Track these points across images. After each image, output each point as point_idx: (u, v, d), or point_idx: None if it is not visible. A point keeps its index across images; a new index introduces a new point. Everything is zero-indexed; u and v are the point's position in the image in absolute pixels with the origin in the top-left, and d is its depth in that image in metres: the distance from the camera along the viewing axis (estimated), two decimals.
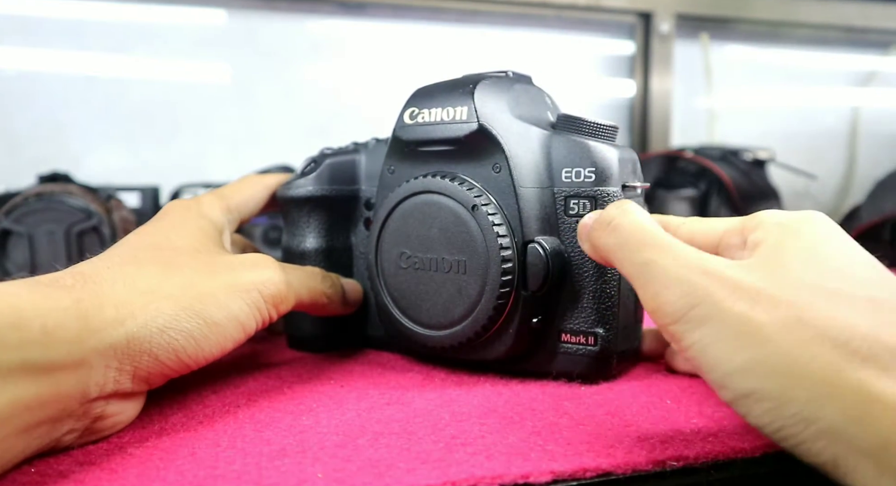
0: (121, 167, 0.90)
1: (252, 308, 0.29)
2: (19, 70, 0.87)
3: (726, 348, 0.22)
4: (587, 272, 0.31)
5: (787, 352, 0.21)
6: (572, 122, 0.32)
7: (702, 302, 0.23)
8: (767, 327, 0.21)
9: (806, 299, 0.22)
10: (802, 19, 1.14)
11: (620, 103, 1.12)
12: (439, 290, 0.32)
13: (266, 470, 0.22)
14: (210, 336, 0.27)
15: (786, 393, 0.21)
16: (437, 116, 0.33)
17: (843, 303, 0.22)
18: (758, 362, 0.21)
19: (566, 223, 0.31)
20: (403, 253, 0.33)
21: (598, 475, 0.22)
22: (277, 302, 0.30)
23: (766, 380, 0.21)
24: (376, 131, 0.41)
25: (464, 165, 0.32)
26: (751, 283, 0.23)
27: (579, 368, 0.32)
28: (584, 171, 0.31)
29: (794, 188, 1.12)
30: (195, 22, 0.93)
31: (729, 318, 0.22)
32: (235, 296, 0.28)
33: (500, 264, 0.30)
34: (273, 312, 0.30)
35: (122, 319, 0.24)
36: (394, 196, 0.34)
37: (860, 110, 1.22)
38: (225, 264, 0.29)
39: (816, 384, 0.20)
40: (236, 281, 0.29)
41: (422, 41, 1.02)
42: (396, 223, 0.34)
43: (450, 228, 0.32)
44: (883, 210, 0.77)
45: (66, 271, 0.25)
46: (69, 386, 0.22)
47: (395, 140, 0.35)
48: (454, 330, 0.32)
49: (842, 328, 0.21)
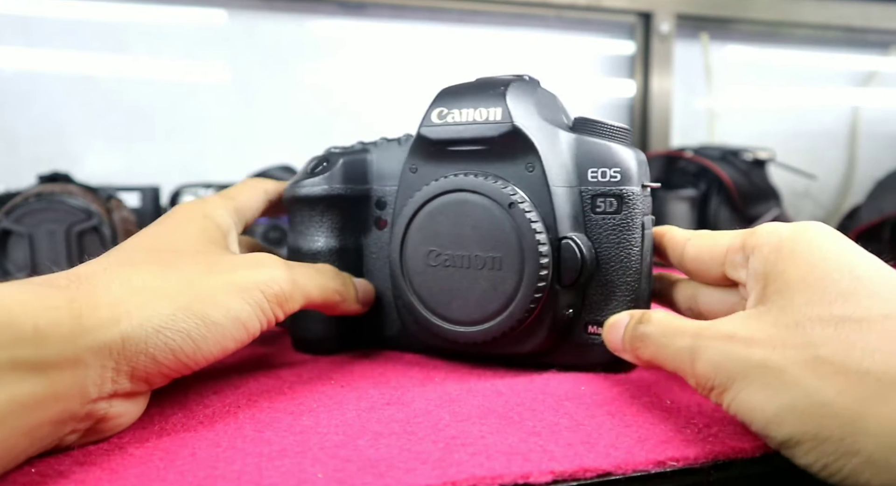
0: (121, 167, 0.90)
1: (254, 308, 0.28)
2: (19, 70, 0.87)
3: (758, 399, 0.23)
4: (613, 267, 0.33)
5: (814, 393, 0.21)
6: (591, 124, 0.33)
7: (727, 362, 0.24)
8: (789, 371, 0.22)
9: (819, 334, 0.22)
10: (802, 19, 1.14)
11: (620, 103, 1.12)
12: (472, 286, 0.33)
13: (266, 470, 0.22)
14: (209, 337, 0.26)
15: (821, 433, 0.21)
16: (468, 116, 0.33)
17: (856, 330, 0.21)
18: (788, 408, 0.22)
19: (593, 220, 0.33)
20: (432, 251, 0.34)
21: (598, 475, 0.22)
22: (282, 301, 0.30)
23: (800, 424, 0.21)
24: (376, 131, 0.41)
25: (495, 164, 0.33)
26: (764, 331, 0.23)
27: (606, 357, 0.32)
28: (610, 171, 0.32)
29: (794, 188, 1.12)
30: (195, 22, 0.93)
31: (753, 371, 0.23)
32: (236, 295, 0.28)
33: (538, 259, 0.31)
34: (278, 311, 0.30)
35: (117, 318, 0.24)
36: (421, 195, 0.34)
37: (860, 110, 1.22)
38: (225, 264, 0.29)
39: (847, 422, 0.20)
40: (237, 280, 0.28)
41: (422, 41, 1.02)
42: (424, 221, 0.34)
43: (484, 226, 0.32)
44: (883, 210, 0.77)
45: (61, 273, 0.25)
46: (66, 385, 0.22)
47: (420, 139, 0.35)
48: (489, 325, 0.32)
49: (861, 359, 0.21)
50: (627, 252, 0.33)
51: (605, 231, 0.33)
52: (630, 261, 0.32)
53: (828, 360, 0.21)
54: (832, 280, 0.23)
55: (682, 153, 0.88)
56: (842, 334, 0.22)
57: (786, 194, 0.91)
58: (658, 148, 1.05)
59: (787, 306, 0.23)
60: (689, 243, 0.32)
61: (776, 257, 0.25)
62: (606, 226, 0.33)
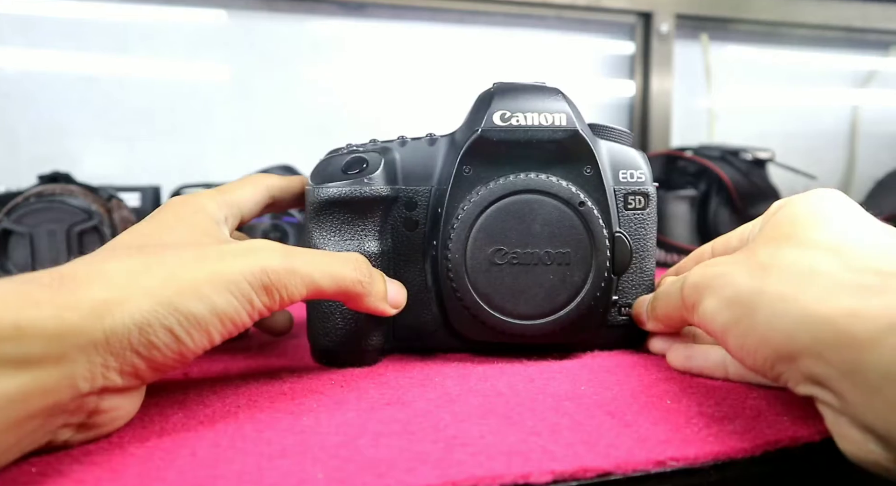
0: (121, 167, 0.90)
1: (241, 300, 0.27)
2: (19, 70, 0.87)
3: (711, 301, 0.28)
4: (640, 256, 0.38)
5: (739, 285, 0.26)
6: (608, 130, 0.37)
7: (700, 279, 0.29)
8: (733, 274, 0.27)
9: (763, 249, 0.27)
10: (802, 19, 1.14)
11: (620, 103, 1.12)
12: (540, 281, 0.35)
13: (266, 470, 0.22)
14: (193, 332, 0.25)
15: (736, 314, 0.26)
16: (534, 120, 0.35)
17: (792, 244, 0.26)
18: (725, 300, 0.27)
19: (625, 216, 0.37)
20: (499, 250, 0.35)
21: (598, 475, 0.22)
22: (273, 290, 0.28)
23: (728, 311, 0.26)
24: (376, 131, 0.41)
25: (555, 166, 0.36)
26: (732, 258, 0.29)
27: (630, 334, 0.38)
28: (637, 172, 0.37)
29: (794, 188, 1.11)
30: (195, 22, 0.93)
31: (713, 280, 0.28)
32: (221, 288, 0.26)
33: (605, 252, 0.35)
34: (268, 301, 0.28)
35: (100, 315, 0.23)
36: (486, 195, 0.35)
37: (860, 110, 1.22)
38: (213, 254, 0.28)
39: (750, 300, 0.25)
40: (223, 270, 0.27)
41: (422, 41, 1.02)
42: (490, 221, 0.35)
43: (554, 224, 0.35)
44: (882, 210, 0.77)
45: (45, 271, 0.25)
46: (53, 380, 0.22)
47: (480, 140, 0.35)
48: (558, 316, 0.35)
49: (781, 258, 0.26)
50: (650, 242, 0.38)
51: (635, 225, 0.37)
52: (651, 250, 0.38)
53: (758, 262, 0.26)
54: (801, 218, 0.28)
55: (681, 153, 0.88)
56: (778, 248, 0.27)
57: (786, 194, 0.91)
58: (658, 148, 1.05)
59: (757, 239, 0.29)
60: (714, 244, 0.37)
61: (776, 209, 0.30)
62: (636, 220, 0.37)
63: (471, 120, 0.36)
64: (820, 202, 0.28)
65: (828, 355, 0.22)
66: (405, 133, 0.38)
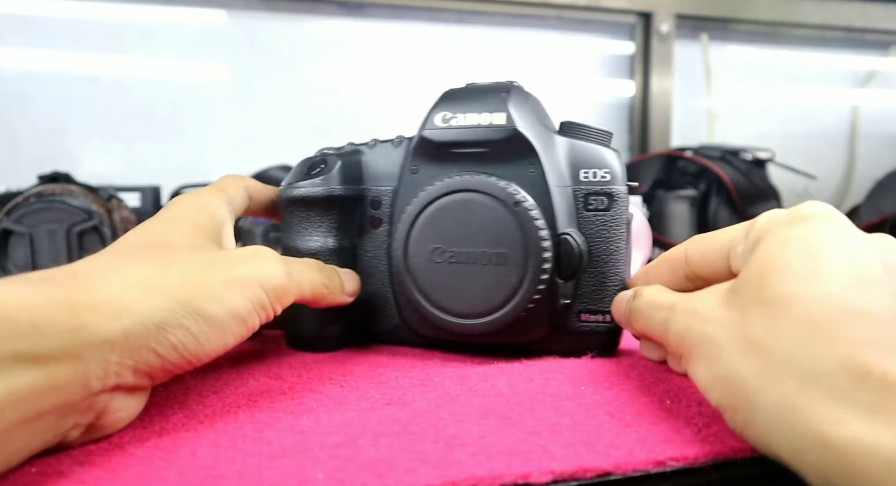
0: (121, 167, 0.90)
1: (254, 303, 0.28)
2: (19, 70, 0.87)
3: (702, 368, 0.25)
4: (603, 259, 0.36)
5: (734, 366, 0.23)
6: (577, 128, 0.36)
7: (687, 335, 0.26)
8: (724, 346, 0.24)
9: (754, 313, 0.23)
10: (802, 19, 1.14)
11: (620, 103, 1.12)
12: (477, 281, 0.34)
13: (266, 470, 0.22)
14: (210, 332, 0.26)
15: (733, 404, 0.23)
16: (472, 120, 0.35)
17: (782, 308, 0.22)
18: (717, 378, 0.24)
19: (585, 217, 0.35)
20: (438, 248, 0.35)
21: (598, 475, 0.22)
22: (280, 295, 0.30)
23: (722, 393, 0.24)
24: (376, 131, 0.41)
25: (496, 165, 0.35)
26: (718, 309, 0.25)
27: (597, 342, 0.36)
28: (601, 172, 0.35)
29: (793, 188, 1.12)
30: (195, 22, 0.93)
31: (703, 343, 0.25)
32: (235, 291, 0.28)
33: (541, 254, 0.33)
34: (276, 305, 0.30)
35: (118, 314, 0.24)
36: (426, 195, 0.35)
37: (860, 110, 1.22)
38: (223, 259, 0.29)
39: (749, 396, 0.22)
40: (236, 275, 0.28)
41: (422, 41, 1.02)
42: (429, 220, 0.35)
43: (489, 223, 0.34)
44: (882, 210, 0.77)
45: (59, 269, 0.25)
46: (67, 377, 0.22)
47: (423, 141, 0.36)
48: (493, 317, 0.34)
49: (773, 337, 0.22)
50: (616, 245, 0.35)
51: (596, 227, 0.35)
52: (618, 253, 0.36)
53: (751, 338, 0.23)
54: (787, 260, 0.23)
55: (681, 153, 0.88)
56: (769, 314, 0.23)
57: (786, 194, 0.92)
58: (658, 148, 1.05)
59: (743, 287, 0.25)
60: (689, 249, 0.32)
61: (761, 236, 0.26)
62: (598, 222, 0.35)
63: (421, 122, 0.37)
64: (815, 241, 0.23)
65: (835, 482, 0.20)
66: (404, 133, 0.39)
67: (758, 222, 0.27)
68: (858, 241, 0.24)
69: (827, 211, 0.25)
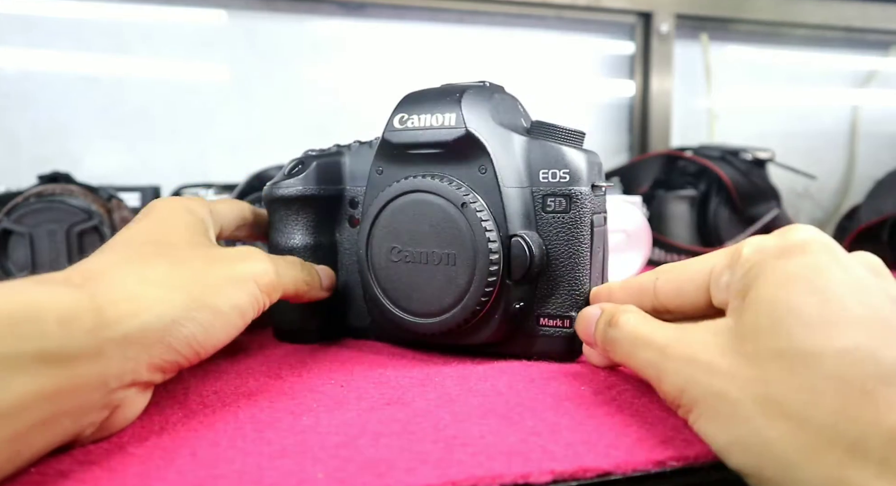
0: (121, 167, 0.90)
1: (251, 297, 0.30)
2: (19, 70, 0.87)
3: (714, 427, 0.23)
4: (562, 263, 0.35)
5: (760, 432, 0.21)
6: (546, 128, 0.36)
7: (689, 387, 0.24)
8: (741, 405, 0.22)
9: (773, 369, 0.21)
10: (802, 19, 1.14)
11: (620, 103, 1.12)
12: (430, 281, 0.35)
13: (266, 470, 0.22)
14: (217, 325, 0.28)
15: (763, 473, 0.21)
16: (426, 121, 0.36)
17: (808, 365, 0.21)
18: (737, 441, 0.22)
19: (544, 219, 0.35)
20: (394, 247, 0.36)
21: (598, 475, 0.22)
22: (270, 291, 0.32)
23: (746, 459, 0.22)
24: (376, 131, 0.41)
25: (451, 166, 0.35)
26: (725, 358, 0.23)
27: (556, 348, 0.36)
28: (560, 172, 0.35)
29: (794, 188, 1.12)
30: (195, 22, 0.93)
31: (711, 398, 0.23)
32: (237, 286, 0.30)
33: (488, 255, 0.33)
34: (267, 300, 0.32)
35: (137, 311, 0.25)
36: (384, 195, 0.36)
37: (860, 110, 1.22)
38: (221, 257, 0.31)
39: (785, 468, 0.20)
40: (235, 272, 0.30)
41: (422, 41, 1.02)
42: (387, 220, 0.36)
43: (440, 224, 0.35)
44: (882, 210, 0.77)
45: (74, 270, 0.26)
46: (89, 376, 0.23)
47: (384, 143, 0.37)
48: (444, 317, 0.35)
49: (806, 402, 0.20)
50: (577, 248, 0.35)
51: (555, 229, 0.35)
52: (579, 257, 0.35)
53: (777, 399, 0.21)
54: (798, 304, 0.22)
55: (682, 153, 0.88)
56: (794, 371, 0.21)
57: (785, 194, 0.91)
58: (658, 148, 1.05)
59: (750, 332, 0.23)
60: (658, 280, 0.30)
61: (757, 273, 0.24)
62: (556, 224, 0.35)
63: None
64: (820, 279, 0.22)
65: None
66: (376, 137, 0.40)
67: (744, 252, 0.25)
68: (857, 270, 0.23)
69: (818, 238, 0.24)
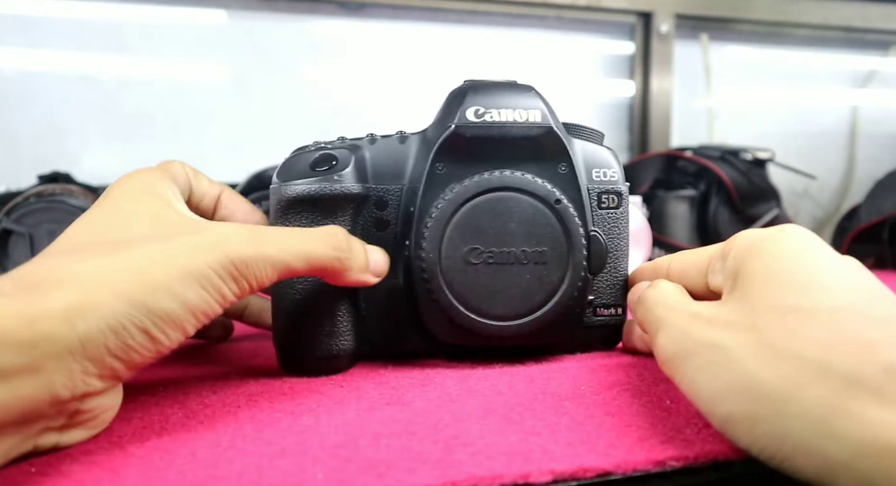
0: (121, 167, 0.90)
1: (212, 292, 0.26)
2: (19, 70, 0.87)
3: (704, 376, 0.24)
4: (615, 254, 0.37)
5: (753, 374, 0.22)
6: (581, 129, 0.37)
7: (684, 338, 0.26)
8: (735, 352, 0.23)
9: (768, 321, 0.23)
10: (802, 19, 1.14)
11: (620, 103, 1.12)
12: (517, 281, 0.34)
13: (266, 470, 0.22)
14: (167, 329, 0.25)
15: (756, 413, 0.22)
16: (508, 116, 0.34)
17: (802, 318, 0.22)
18: (729, 386, 0.23)
19: (599, 215, 0.37)
20: (475, 249, 0.34)
21: (598, 475, 0.22)
22: (239, 277, 0.27)
23: (738, 403, 0.22)
24: (376, 130, 0.40)
25: (529, 164, 0.35)
26: (723, 315, 0.25)
27: (607, 334, 0.38)
28: (610, 171, 0.37)
29: (793, 188, 1.12)
30: (195, 22, 0.93)
31: (704, 349, 0.24)
32: (192, 283, 0.26)
33: (582, 251, 0.34)
34: (236, 288, 0.27)
35: (72, 321, 0.23)
36: (459, 193, 0.34)
37: (860, 110, 1.22)
38: (180, 249, 0.26)
39: (779, 402, 0.21)
40: (192, 265, 0.26)
41: (422, 41, 1.02)
42: (463, 220, 0.34)
43: (529, 222, 0.34)
44: (882, 210, 0.77)
45: (7, 277, 0.24)
46: (30, 389, 0.22)
47: (454, 136, 0.34)
48: (534, 317, 0.34)
49: (800, 345, 0.22)
50: (624, 241, 0.37)
51: (608, 224, 0.37)
52: (625, 248, 0.37)
53: (771, 344, 0.22)
54: (789, 273, 0.24)
55: (682, 153, 0.88)
56: (789, 322, 0.23)
57: (785, 194, 0.91)
58: (658, 148, 1.05)
59: (746, 296, 0.25)
60: (672, 263, 0.34)
61: (746, 254, 0.27)
62: (610, 219, 0.37)
63: (443, 116, 0.35)
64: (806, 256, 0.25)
65: None
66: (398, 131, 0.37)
67: (736, 242, 0.28)
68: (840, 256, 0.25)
69: (802, 230, 0.27)
